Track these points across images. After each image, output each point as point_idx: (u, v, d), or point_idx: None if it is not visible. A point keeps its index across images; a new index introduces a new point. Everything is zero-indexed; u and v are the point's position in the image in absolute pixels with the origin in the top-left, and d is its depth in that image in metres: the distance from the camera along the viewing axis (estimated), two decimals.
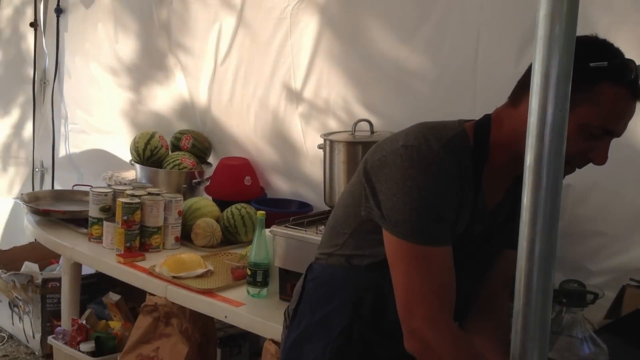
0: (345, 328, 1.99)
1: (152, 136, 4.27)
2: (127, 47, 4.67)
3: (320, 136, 3.39)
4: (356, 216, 1.95)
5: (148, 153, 4.24)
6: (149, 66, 4.57)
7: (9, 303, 4.65)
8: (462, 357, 1.81)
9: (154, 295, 3.42)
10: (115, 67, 4.78)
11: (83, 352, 3.91)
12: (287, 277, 3.05)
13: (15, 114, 5.30)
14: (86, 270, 4.26)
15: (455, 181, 1.81)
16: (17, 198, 4.61)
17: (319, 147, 3.40)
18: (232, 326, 3.85)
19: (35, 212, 4.17)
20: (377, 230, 1.88)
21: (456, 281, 1.84)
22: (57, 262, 4.75)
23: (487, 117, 1.92)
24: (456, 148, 1.84)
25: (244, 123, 4.15)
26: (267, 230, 3.11)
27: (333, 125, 3.66)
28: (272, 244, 3.07)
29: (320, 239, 2.83)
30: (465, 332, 1.94)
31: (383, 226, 1.85)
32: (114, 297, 4.21)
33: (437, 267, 1.81)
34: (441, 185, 1.79)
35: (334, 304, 2.02)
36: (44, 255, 4.76)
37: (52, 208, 4.18)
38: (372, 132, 3.32)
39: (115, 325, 4.12)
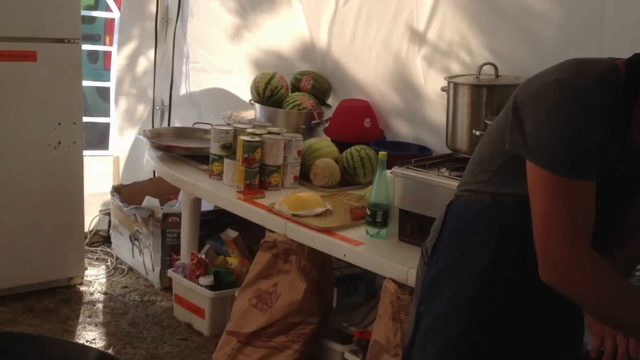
0: (488, 265, 2.00)
1: (272, 76, 4.30)
2: None
3: (445, 79, 3.36)
4: (504, 153, 1.94)
5: (268, 93, 4.27)
6: (270, 5, 4.59)
7: (130, 236, 4.79)
8: (603, 284, 1.80)
9: (273, 232, 3.48)
10: (236, 6, 4.81)
11: (202, 286, 4.03)
12: (407, 218, 3.06)
13: (133, 51, 5.40)
14: (204, 207, 4.37)
15: (606, 116, 1.79)
16: (139, 134, 4.72)
17: (442, 89, 3.37)
18: (348, 267, 3.91)
19: (158, 147, 4.26)
20: (524, 166, 1.87)
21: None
22: (175, 199, 4.87)
23: (638, 55, 1.88)
24: (609, 83, 1.81)
25: (364, 65, 4.13)
26: (387, 172, 3.13)
27: (455, 69, 3.61)
28: (393, 185, 3.09)
29: (441, 180, 2.87)
30: None
31: (527, 157, 1.85)
32: (232, 233, 4.30)
33: (579, 200, 1.80)
34: (593, 119, 1.77)
35: (477, 241, 2.02)
36: (163, 192, 4.89)
37: (174, 144, 4.27)
38: (497, 75, 3.27)
39: (233, 261, 4.22)
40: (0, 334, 1.94)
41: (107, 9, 5.33)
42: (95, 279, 4.72)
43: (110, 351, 3.80)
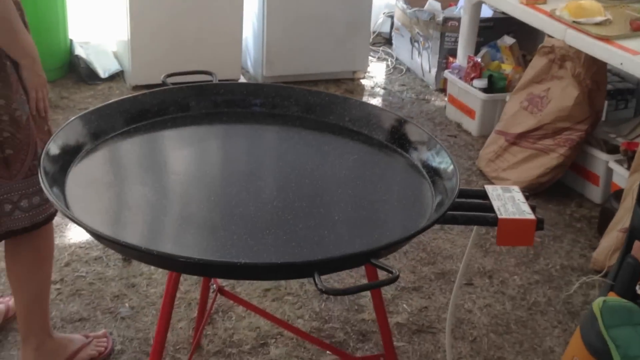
0: None
1: None
2: None
3: None
4: None
5: None
6: None
7: (410, 39, 5.04)
8: None
9: (552, 37, 3.59)
10: None
11: (476, 88, 4.23)
12: None
13: None
14: (483, 14, 4.51)
15: None
16: None
17: None
18: (620, 81, 3.97)
19: None
20: None
21: None
22: (454, 5, 5.03)
23: None
24: None
25: None
26: None
27: None
28: None
29: None
30: None
31: None
32: (508, 40, 4.43)
33: None
34: None
35: None
36: None
37: None
38: None
39: (507, 67, 4.37)
40: (309, 91, 2.26)
41: None
42: (376, 75, 5.05)
43: None
